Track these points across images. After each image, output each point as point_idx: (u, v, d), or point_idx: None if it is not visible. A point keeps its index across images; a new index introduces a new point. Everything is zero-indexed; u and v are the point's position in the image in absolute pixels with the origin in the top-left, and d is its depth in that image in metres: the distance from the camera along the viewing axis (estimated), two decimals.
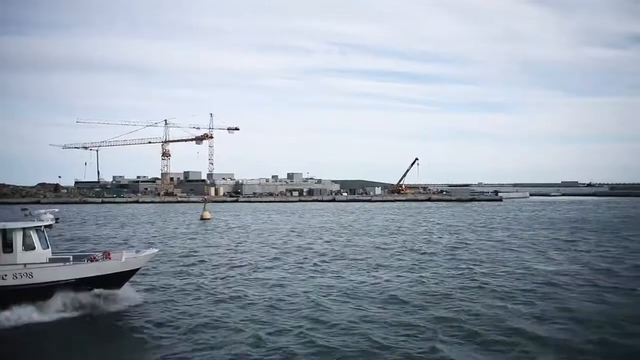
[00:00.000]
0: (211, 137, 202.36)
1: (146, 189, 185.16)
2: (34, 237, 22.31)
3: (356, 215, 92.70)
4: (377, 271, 32.14)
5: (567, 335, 18.77)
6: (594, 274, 30.77)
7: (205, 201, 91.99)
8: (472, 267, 33.32)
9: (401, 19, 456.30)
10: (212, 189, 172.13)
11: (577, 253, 39.77)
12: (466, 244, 46.49)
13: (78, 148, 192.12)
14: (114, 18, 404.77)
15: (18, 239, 21.73)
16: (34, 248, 22.19)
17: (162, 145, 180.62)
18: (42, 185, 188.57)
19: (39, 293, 21.00)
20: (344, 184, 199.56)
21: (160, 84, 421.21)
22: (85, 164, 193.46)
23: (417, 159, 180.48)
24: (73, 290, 21.71)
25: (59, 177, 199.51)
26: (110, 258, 23.44)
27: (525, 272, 31.18)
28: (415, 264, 34.80)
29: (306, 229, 63.28)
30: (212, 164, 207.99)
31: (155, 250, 27.72)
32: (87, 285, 22.09)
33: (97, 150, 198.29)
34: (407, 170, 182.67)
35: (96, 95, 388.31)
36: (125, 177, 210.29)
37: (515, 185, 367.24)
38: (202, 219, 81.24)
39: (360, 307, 22.89)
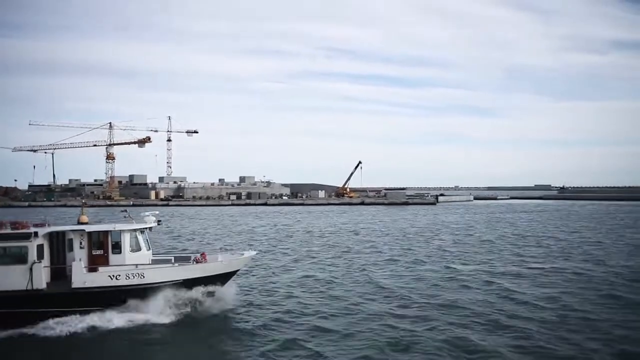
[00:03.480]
0: (169, 140, 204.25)
1: (92, 192, 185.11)
2: (140, 238, 23.19)
3: (255, 218, 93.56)
4: None
5: None
6: None
7: (83, 205, 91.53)
8: None
9: (388, 23, 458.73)
10: (153, 193, 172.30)
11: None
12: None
13: (28, 151, 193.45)
14: (100, 21, 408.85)
15: (126, 241, 22.60)
16: (139, 249, 23.10)
17: (107, 148, 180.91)
18: None
19: (149, 293, 21.69)
20: (294, 187, 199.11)
21: (142, 87, 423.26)
22: (34, 167, 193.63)
23: (360, 162, 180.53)
24: (180, 291, 22.41)
25: (15, 180, 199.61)
26: (206, 259, 24.04)
27: None
28: None
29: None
30: (170, 167, 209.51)
31: (254, 253, 27.90)
32: (192, 285, 22.70)
33: (52, 153, 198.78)
34: (352, 174, 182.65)
35: (78, 98, 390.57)
36: (81, 180, 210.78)
37: (490, 188, 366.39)
38: (78, 223, 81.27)
39: None
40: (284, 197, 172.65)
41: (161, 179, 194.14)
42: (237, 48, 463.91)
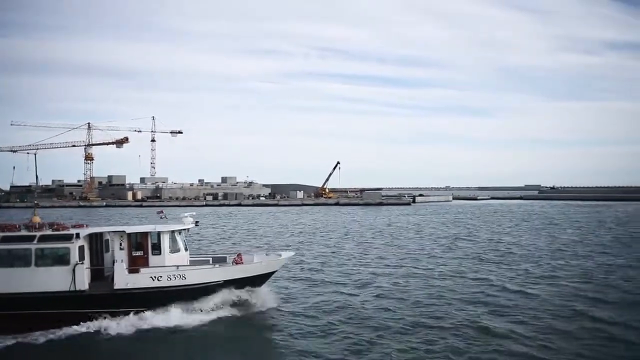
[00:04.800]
0: (153, 141, 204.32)
1: (71, 193, 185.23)
2: (178, 239, 23.03)
3: (207, 218, 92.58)
4: None
5: None
6: None
7: (36, 206, 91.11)
8: None
9: (382, 23, 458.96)
10: (130, 193, 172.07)
11: None
12: None
13: (7, 151, 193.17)
14: (99, 21, 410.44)
15: (166, 242, 22.42)
16: (178, 250, 22.95)
17: (85, 148, 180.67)
18: None
19: (191, 294, 21.67)
20: (275, 187, 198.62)
21: (141, 86, 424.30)
22: (14, 168, 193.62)
23: (338, 162, 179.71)
24: (220, 292, 22.39)
25: None
26: (242, 260, 23.89)
27: None
28: None
29: None
30: (154, 167, 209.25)
31: (292, 254, 27.67)
32: (232, 286, 22.67)
33: (35, 154, 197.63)
34: (330, 174, 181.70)
35: (76, 98, 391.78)
36: (64, 181, 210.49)
37: (480, 188, 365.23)
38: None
39: None
40: (261, 198, 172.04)
41: (142, 180, 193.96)
42: (231, 48, 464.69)
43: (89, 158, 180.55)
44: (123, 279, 21.30)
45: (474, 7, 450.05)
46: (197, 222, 24.98)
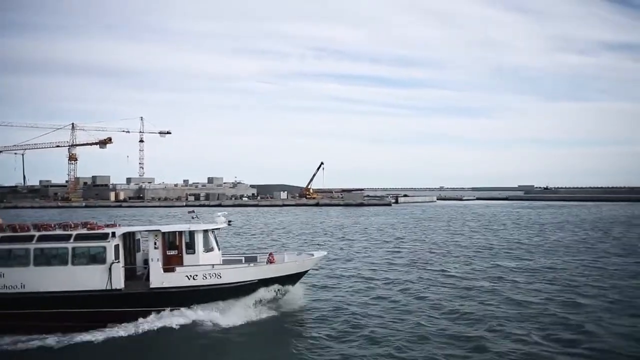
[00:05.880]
0: (141, 141, 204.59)
1: (56, 193, 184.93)
2: (211, 238, 23.07)
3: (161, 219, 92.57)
4: None
5: None
6: None
7: None
8: None
9: (380, 23, 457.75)
10: (112, 194, 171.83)
11: None
12: None
13: None
14: (95, 21, 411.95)
15: (200, 241, 22.38)
16: (212, 249, 22.99)
17: (69, 149, 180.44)
18: None
19: (225, 293, 21.66)
20: (261, 188, 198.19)
21: (137, 86, 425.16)
22: None
23: (322, 163, 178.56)
24: (255, 291, 22.27)
25: None
26: (274, 259, 23.78)
27: None
28: None
29: None
30: (142, 167, 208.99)
31: (325, 253, 27.52)
32: (266, 285, 22.56)
33: (22, 154, 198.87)
34: (314, 175, 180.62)
35: (76, 98, 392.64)
36: (52, 181, 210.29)
37: (474, 189, 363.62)
38: None
39: None
40: (243, 199, 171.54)
41: (129, 180, 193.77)
42: (231, 48, 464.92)
43: (72, 158, 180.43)
44: (159, 278, 21.26)
45: (472, 8, 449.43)
46: (229, 221, 24.88)
